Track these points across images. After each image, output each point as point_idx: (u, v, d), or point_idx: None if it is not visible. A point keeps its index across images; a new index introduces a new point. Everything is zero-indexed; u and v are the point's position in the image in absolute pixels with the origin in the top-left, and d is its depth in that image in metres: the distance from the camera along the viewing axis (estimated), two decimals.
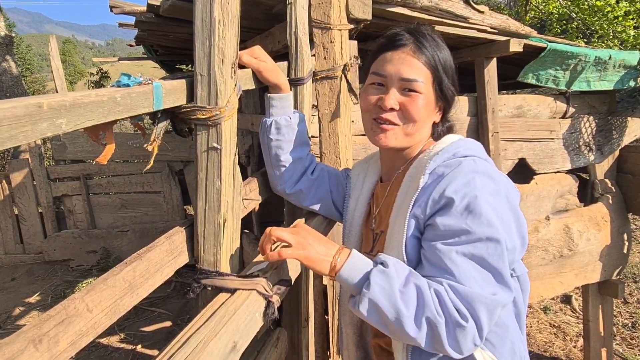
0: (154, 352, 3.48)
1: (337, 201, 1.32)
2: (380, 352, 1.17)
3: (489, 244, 0.84)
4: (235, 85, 0.97)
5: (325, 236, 1.38)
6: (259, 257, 1.11)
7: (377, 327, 0.87)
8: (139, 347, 3.57)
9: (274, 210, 3.61)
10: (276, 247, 0.93)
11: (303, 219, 1.35)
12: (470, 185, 0.86)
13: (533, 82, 2.55)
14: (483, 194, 0.85)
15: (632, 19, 6.01)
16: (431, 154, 0.98)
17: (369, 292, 0.84)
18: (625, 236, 3.06)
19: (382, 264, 0.88)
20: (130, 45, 4.14)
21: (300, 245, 0.89)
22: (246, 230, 3.04)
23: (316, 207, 1.32)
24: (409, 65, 0.97)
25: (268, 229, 0.91)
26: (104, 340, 3.64)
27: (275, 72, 1.22)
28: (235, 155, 1.01)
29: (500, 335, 0.96)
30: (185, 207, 5.27)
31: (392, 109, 0.99)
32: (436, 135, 1.08)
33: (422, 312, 0.82)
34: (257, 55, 1.19)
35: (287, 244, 0.90)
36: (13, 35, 8.15)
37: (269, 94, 1.25)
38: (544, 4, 7.67)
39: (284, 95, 1.25)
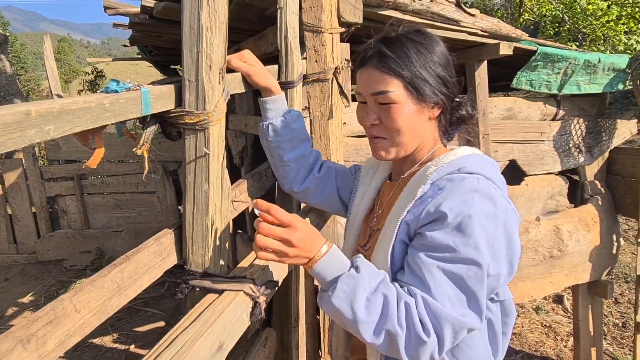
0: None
1: (345, 198, 1.31)
2: (356, 348, 1.18)
3: (471, 266, 0.83)
4: (224, 90, 0.99)
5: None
6: (248, 260, 1.13)
7: (340, 325, 0.89)
8: (132, 347, 3.57)
9: None
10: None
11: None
12: (467, 204, 0.84)
13: (527, 88, 2.58)
14: (478, 215, 0.84)
15: (623, 23, 6.06)
16: (438, 163, 0.96)
17: (333, 295, 0.85)
18: (614, 237, 3.10)
19: (356, 268, 0.88)
20: (125, 46, 4.14)
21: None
22: (240, 231, 3.05)
23: (324, 204, 1.33)
24: (374, 79, 0.96)
25: (256, 239, 0.88)
26: (96, 341, 3.65)
27: (264, 75, 1.24)
28: (223, 158, 1.03)
29: (468, 355, 0.96)
30: (179, 207, 5.28)
31: (374, 125, 0.99)
32: (442, 129, 1.06)
33: (382, 323, 0.82)
34: (246, 59, 1.21)
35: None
36: (7, 34, 8.12)
37: (261, 99, 1.27)
38: (537, 6, 7.73)
39: (276, 97, 1.26)
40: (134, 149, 0.87)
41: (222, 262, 1.05)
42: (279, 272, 1.15)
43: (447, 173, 0.92)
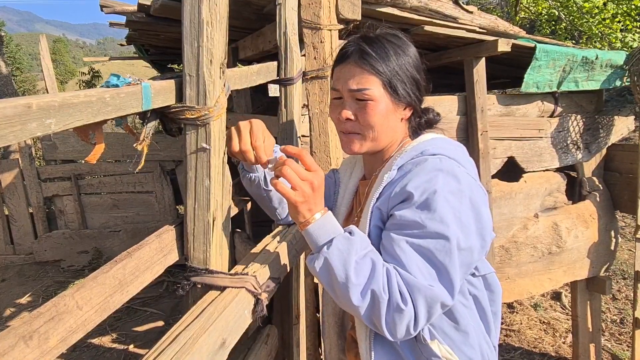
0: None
1: (331, 205, 1.33)
2: (351, 344, 1.20)
3: (438, 240, 0.87)
4: (224, 85, 0.98)
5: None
6: (249, 256, 1.13)
7: (326, 288, 0.92)
8: (131, 347, 3.56)
9: None
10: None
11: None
12: (431, 182, 0.89)
13: (534, 90, 2.57)
14: (442, 191, 0.88)
15: (619, 21, 6.08)
16: (403, 151, 1.02)
17: (328, 252, 0.89)
18: (612, 233, 3.11)
19: (350, 232, 0.92)
20: (122, 45, 4.12)
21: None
22: (238, 230, 3.04)
23: None
24: (354, 75, 1.00)
25: (284, 161, 0.92)
26: (95, 341, 3.63)
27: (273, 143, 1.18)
28: (224, 154, 1.02)
29: (460, 331, 0.98)
30: (177, 206, 5.26)
31: (349, 119, 1.02)
32: (411, 130, 1.10)
33: (369, 284, 0.86)
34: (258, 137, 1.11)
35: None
36: (2, 34, 8.09)
37: None
38: (534, 4, 7.74)
39: None
40: (134, 145, 0.87)
41: (223, 258, 1.05)
42: (281, 269, 1.15)
43: (411, 157, 0.98)
